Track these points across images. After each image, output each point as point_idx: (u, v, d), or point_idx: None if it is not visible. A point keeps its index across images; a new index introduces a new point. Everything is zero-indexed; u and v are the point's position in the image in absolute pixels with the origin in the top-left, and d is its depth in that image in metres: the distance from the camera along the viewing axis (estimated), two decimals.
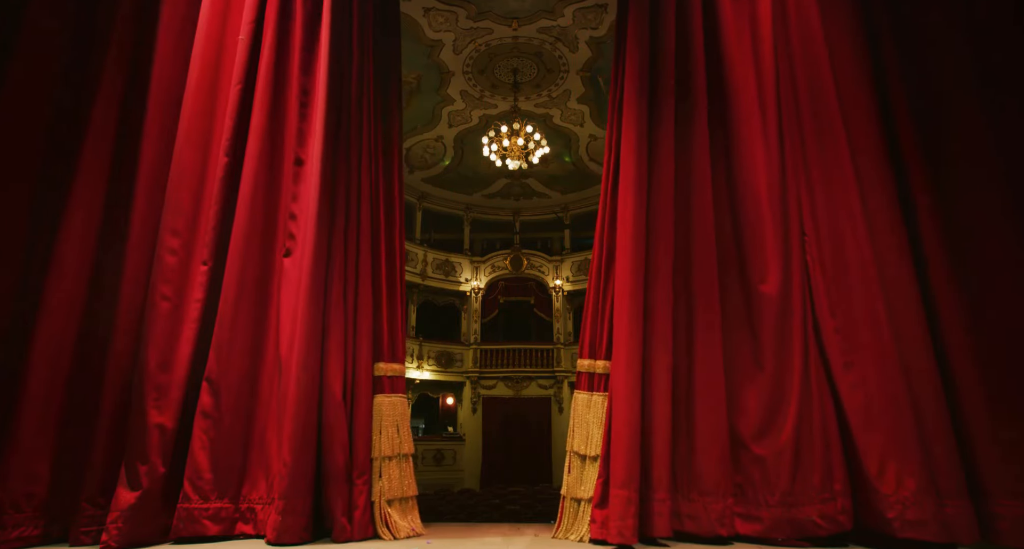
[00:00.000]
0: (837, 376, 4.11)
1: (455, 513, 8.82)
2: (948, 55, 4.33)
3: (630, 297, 4.25)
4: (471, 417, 17.13)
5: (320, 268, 4.31)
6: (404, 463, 4.53)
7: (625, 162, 4.57)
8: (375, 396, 4.50)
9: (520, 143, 11.66)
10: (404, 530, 4.30)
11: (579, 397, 4.59)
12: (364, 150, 4.83)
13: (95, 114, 4.40)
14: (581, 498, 4.33)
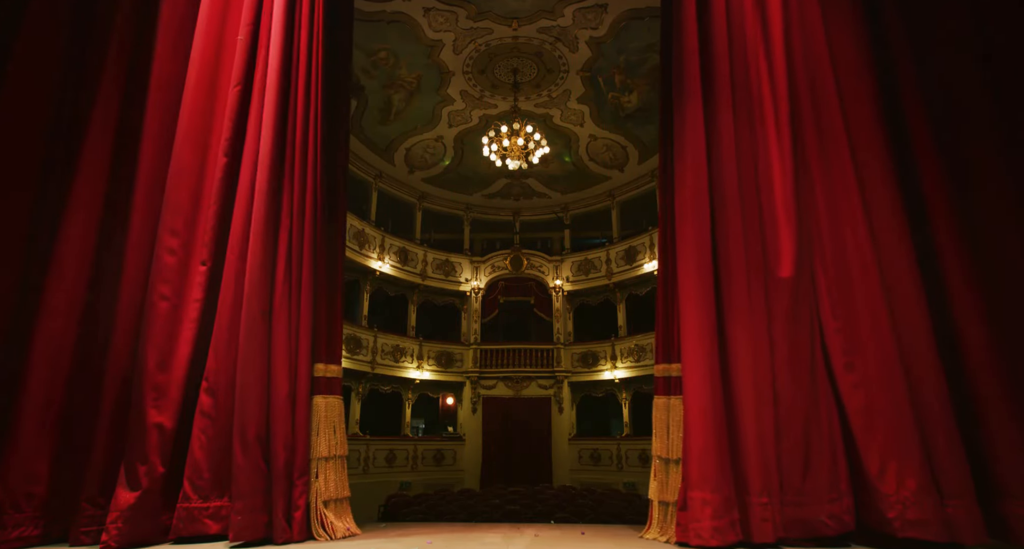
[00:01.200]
0: (839, 376, 4.12)
1: (455, 513, 8.82)
2: (961, 55, 4.36)
3: (697, 298, 4.24)
4: (471, 417, 17.12)
5: (266, 267, 4.30)
6: (340, 464, 4.53)
7: (685, 168, 4.61)
8: (315, 397, 4.50)
9: (520, 143, 11.66)
10: (341, 530, 4.31)
11: (657, 402, 4.58)
12: (310, 154, 4.81)
13: (95, 114, 4.41)
14: (668, 501, 4.29)
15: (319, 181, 4.86)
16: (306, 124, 4.83)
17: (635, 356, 16.08)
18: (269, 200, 4.44)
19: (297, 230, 4.58)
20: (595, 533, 5.14)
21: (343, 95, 5.57)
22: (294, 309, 4.43)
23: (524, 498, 10.43)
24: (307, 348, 4.47)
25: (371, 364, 15.33)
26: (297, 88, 4.83)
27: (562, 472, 16.24)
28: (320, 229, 4.83)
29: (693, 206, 4.47)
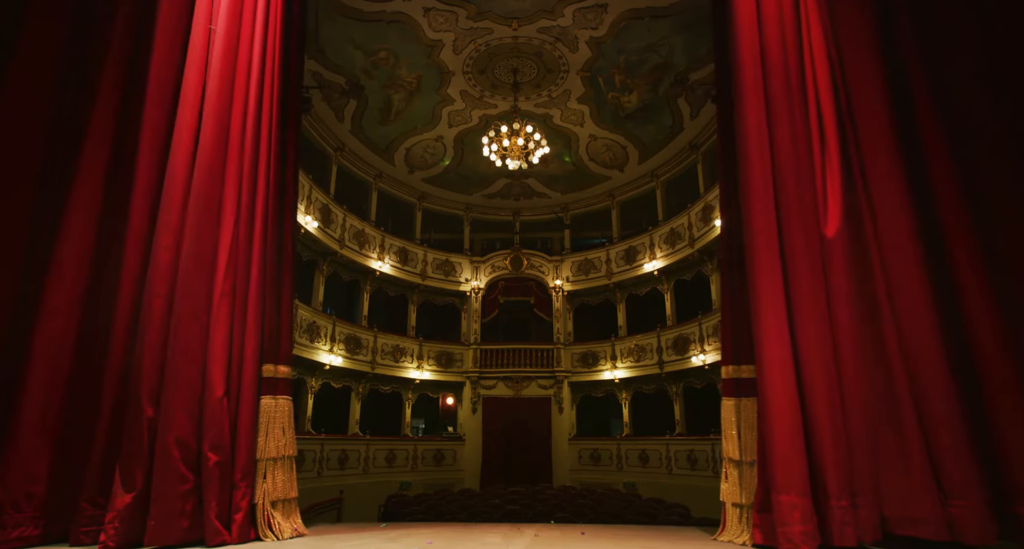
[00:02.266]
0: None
1: (455, 513, 8.82)
2: (965, 54, 4.36)
3: (772, 301, 4.21)
4: (471, 417, 17.12)
5: (202, 268, 4.24)
6: (288, 465, 4.50)
7: (750, 167, 4.52)
8: (262, 398, 4.45)
9: (520, 143, 11.65)
10: (288, 531, 4.28)
11: (727, 404, 4.53)
12: (262, 151, 4.77)
13: (95, 114, 4.40)
14: (742, 504, 4.26)
15: (270, 181, 4.80)
16: (257, 123, 4.76)
17: (635, 356, 16.08)
18: (204, 198, 4.34)
19: (244, 233, 4.49)
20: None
21: (295, 94, 5.43)
22: (239, 311, 4.35)
23: (524, 498, 10.43)
24: (254, 349, 4.40)
25: (371, 364, 15.33)
26: (249, 84, 4.77)
27: (562, 472, 16.23)
28: (270, 231, 4.74)
29: (763, 216, 4.39)
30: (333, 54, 12.44)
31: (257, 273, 4.51)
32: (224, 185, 4.47)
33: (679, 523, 8.22)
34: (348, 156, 15.78)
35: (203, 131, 4.47)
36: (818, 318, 4.11)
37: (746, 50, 4.74)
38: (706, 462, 13.63)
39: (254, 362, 4.41)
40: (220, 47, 4.66)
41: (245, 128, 4.68)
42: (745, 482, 4.26)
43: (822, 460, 3.83)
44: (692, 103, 13.93)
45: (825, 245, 4.27)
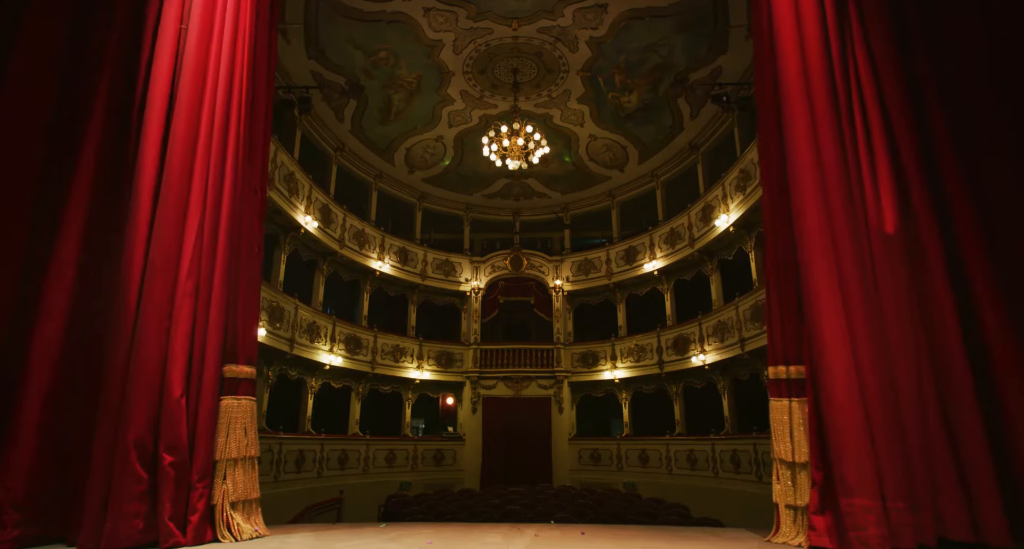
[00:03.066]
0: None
1: (455, 513, 8.82)
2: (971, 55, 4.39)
3: (827, 295, 4.17)
4: (471, 417, 17.11)
5: (167, 269, 4.21)
6: (250, 466, 4.49)
7: (799, 161, 4.49)
8: (223, 398, 4.43)
9: (520, 143, 11.65)
10: (247, 532, 4.26)
11: (776, 405, 4.49)
12: (229, 152, 4.74)
13: (94, 115, 4.40)
14: (797, 506, 4.22)
15: (239, 182, 4.78)
16: (225, 125, 4.74)
17: (635, 356, 16.08)
18: (171, 200, 4.32)
19: (210, 234, 4.46)
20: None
21: (266, 94, 5.40)
22: (201, 311, 4.33)
23: (524, 498, 10.43)
24: (216, 350, 4.38)
25: (371, 364, 15.33)
26: (218, 87, 4.75)
27: (562, 472, 16.23)
28: (238, 234, 4.70)
29: (817, 223, 4.34)
30: (333, 54, 12.44)
31: (222, 274, 4.48)
32: (191, 187, 4.44)
33: (679, 523, 8.22)
34: (348, 156, 15.78)
35: (172, 132, 4.45)
36: (871, 322, 4.09)
37: (790, 60, 4.71)
38: (706, 462, 13.63)
39: (216, 363, 4.38)
40: (192, 49, 4.65)
41: (213, 129, 4.65)
42: (798, 484, 4.23)
43: (880, 462, 3.82)
44: (692, 103, 13.93)
45: (874, 252, 4.26)
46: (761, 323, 11.52)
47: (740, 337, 12.32)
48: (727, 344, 12.95)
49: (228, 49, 4.89)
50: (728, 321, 12.98)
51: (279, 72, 12.52)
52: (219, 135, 4.68)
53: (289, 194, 12.38)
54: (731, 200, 12.81)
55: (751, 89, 12.77)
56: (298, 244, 13.49)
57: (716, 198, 13.49)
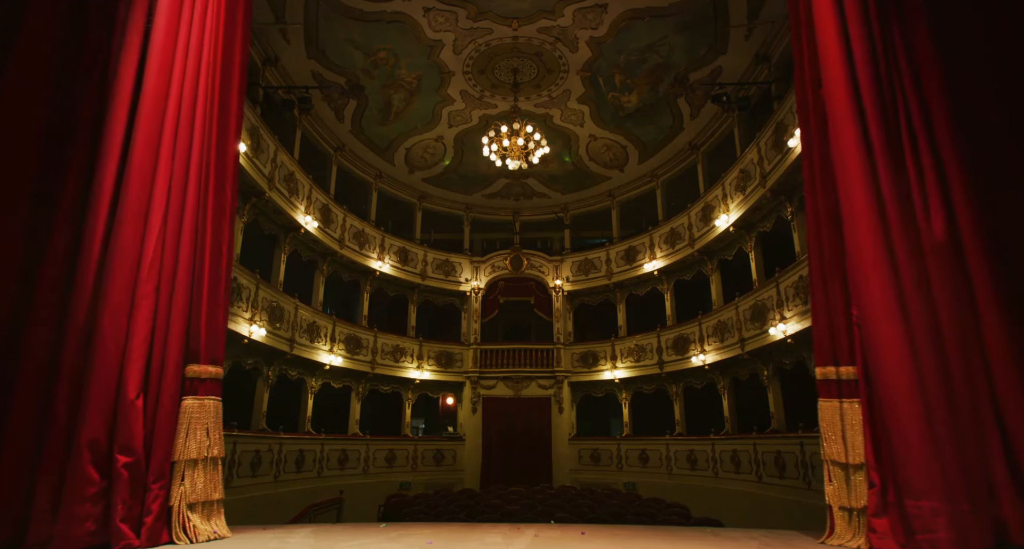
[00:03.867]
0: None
1: (455, 513, 8.82)
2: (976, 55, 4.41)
3: (882, 298, 4.13)
4: (471, 417, 17.12)
5: (128, 264, 4.17)
6: (211, 467, 4.43)
7: (846, 154, 4.47)
8: (185, 398, 4.37)
9: (520, 143, 11.66)
10: (205, 534, 4.21)
11: (826, 406, 4.45)
12: (195, 151, 4.69)
13: (83, 116, 4.37)
14: (852, 507, 4.19)
15: (208, 182, 4.73)
16: (192, 123, 4.69)
17: (635, 356, 16.08)
18: (132, 199, 4.27)
19: (173, 234, 4.40)
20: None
21: (237, 92, 5.30)
22: (163, 312, 4.28)
23: (524, 498, 10.43)
24: (178, 350, 4.33)
25: (371, 364, 15.33)
26: (184, 78, 4.69)
27: (562, 472, 16.24)
28: (204, 233, 4.64)
29: (870, 224, 4.30)
30: (333, 54, 12.45)
31: (185, 274, 4.43)
32: (154, 186, 4.38)
33: (679, 523, 8.22)
34: (348, 156, 15.79)
35: (135, 132, 4.40)
36: (926, 323, 4.06)
37: (835, 68, 4.68)
38: (706, 462, 13.64)
39: (177, 363, 4.33)
40: (157, 46, 4.60)
41: (178, 129, 4.60)
42: (853, 485, 4.20)
43: (944, 464, 3.78)
44: (692, 103, 13.94)
45: (924, 253, 4.24)
46: (761, 323, 11.53)
47: (740, 337, 12.32)
48: (727, 344, 12.95)
49: (195, 47, 4.82)
50: (728, 321, 12.98)
51: (279, 72, 12.53)
52: (184, 134, 4.62)
53: (289, 194, 12.38)
54: (731, 200, 12.81)
55: (751, 89, 12.78)
56: (298, 244, 13.50)
57: (716, 198, 13.49)
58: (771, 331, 10.86)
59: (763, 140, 11.37)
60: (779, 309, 10.78)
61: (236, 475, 10.51)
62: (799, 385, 11.30)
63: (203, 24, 4.93)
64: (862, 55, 4.61)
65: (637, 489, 14.29)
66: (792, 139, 9.90)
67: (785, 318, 10.55)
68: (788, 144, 10.12)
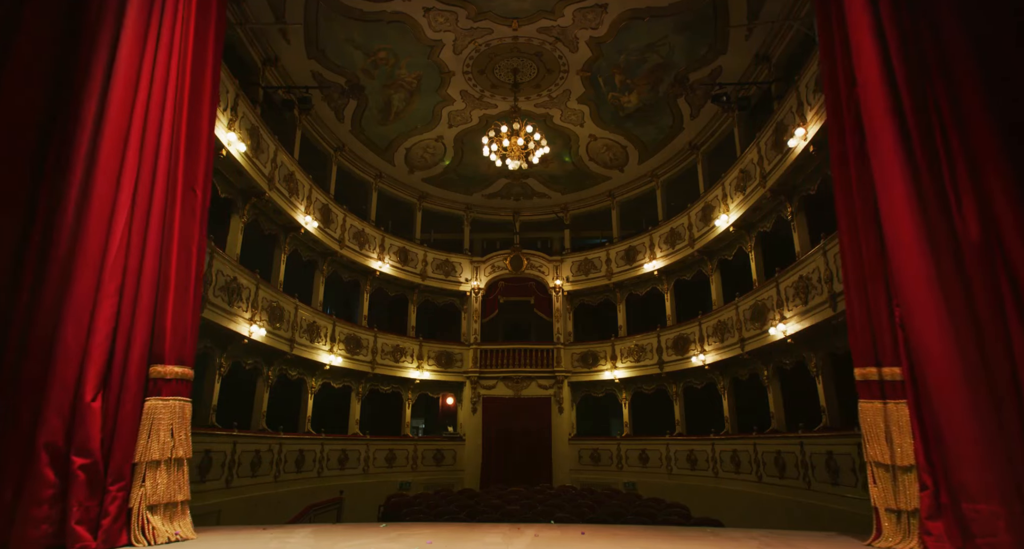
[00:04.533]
0: None
1: (455, 513, 8.81)
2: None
3: (928, 300, 4.09)
4: (471, 417, 17.12)
5: (92, 263, 4.14)
6: (176, 468, 4.38)
7: (884, 147, 4.45)
8: (148, 399, 4.34)
9: (520, 143, 11.65)
10: (164, 535, 4.17)
11: (868, 407, 4.44)
12: (164, 143, 4.66)
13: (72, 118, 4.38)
14: (900, 509, 4.16)
15: (178, 181, 4.72)
16: (160, 122, 4.67)
17: (635, 356, 16.08)
18: (97, 198, 4.26)
19: (139, 234, 4.38)
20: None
21: (210, 90, 5.26)
22: (127, 311, 4.25)
23: (524, 498, 10.43)
24: (141, 351, 4.31)
25: (371, 364, 15.33)
26: (153, 77, 4.67)
27: (562, 472, 16.24)
28: (176, 234, 4.62)
29: (913, 226, 4.28)
30: (333, 54, 12.44)
31: (150, 275, 4.42)
32: (119, 189, 4.35)
33: (679, 523, 8.22)
34: (348, 156, 15.79)
35: (103, 130, 4.37)
36: (972, 324, 4.04)
37: (871, 65, 4.66)
38: (706, 462, 13.64)
39: (140, 363, 4.30)
40: (127, 44, 4.57)
41: (146, 129, 4.58)
42: (900, 487, 4.18)
43: (1000, 466, 3.76)
44: (692, 103, 13.94)
45: (964, 255, 4.22)
46: (761, 323, 11.52)
47: (740, 337, 12.32)
48: (727, 344, 12.95)
49: (166, 45, 4.79)
50: (728, 321, 12.98)
51: (279, 72, 12.53)
52: (152, 134, 4.60)
53: (289, 194, 12.38)
54: (731, 200, 12.81)
55: (751, 89, 12.78)
56: (298, 244, 13.50)
57: (716, 198, 13.49)
58: (771, 331, 10.86)
59: (763, 140, 11.37)
60: (779, 309, 10.77)
61: (236, 475, 10.51)
62: (799, 385, 11.30)
63: (172, 26, 4.89)
64: (897, 51, 4.57)
65: (637, 489, 14.29)
66: (792, 139, 9.90)
67: (785, 318, 10.55)
68: (788, 144, 10.12)
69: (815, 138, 9.33)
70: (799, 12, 10.51)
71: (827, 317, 9.14)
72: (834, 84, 5.17)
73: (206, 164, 5.08)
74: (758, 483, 11.65)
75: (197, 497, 9.18)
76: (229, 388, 10.97)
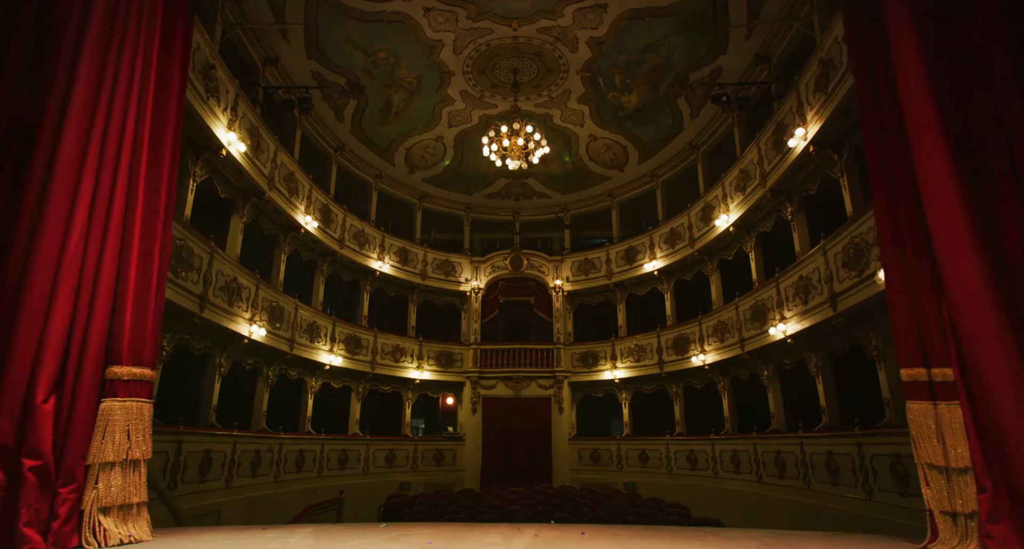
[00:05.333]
0: None
1: (455, 513, 8.81)
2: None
3: (981, 303, 4.08)
4: (471, 417, 17.12)
5: (48, 264, 4.10)
6: (131, 469, 4.35)
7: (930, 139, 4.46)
8: (104, 400, 4.30)
9: (520, 143, 11.65)
10: (116, 537, 4.14)
11: (920, 408, 4.39)
12: (126, 144, 4.63)
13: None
14: (956, 511, 4.13)
15: (138, 182, 4.70)
16: (123, 117, 4.65)
17: (635, 356, 16.08)
18: (55, 200, 4.24)
19: (97, 236, 4.35)
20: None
21: (177, 89, 5.24)
22: (82, 313, 4.22)
23: (524, 498, 10.42)
24: (97, 352, 4.28)
25: (371, 364, 15.33)
26: (117, 77, 4.66)
27: (562, 472, 16.24)
28: (137, 235, 4.60)
29: (958, 233, 4.29)
30: (333, 54, 12.44)
31: (108, 276, 4.39)
32: (78, 190, 4.32)
33: (679, 523, 8.22)
34: (348, 156, 15.79)
35: (63, 130, 4.34)
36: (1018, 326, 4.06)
37: (917, 86, 4.70)
38: (706, 462, 13.64)
39: (96, 364, 4.27)
40: (91, 41, 4.55)
41: (108, 128, 4.55)
42: (956, 489, 4.15)
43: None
44: (692, 103, 13.94)
45: (1005, 264, 4.25)
46: (761, 323, 11.52)
47: (740, 337, 12.32)
48: (727, 344, 12.95)
49: (131, 44, 4.75)
50: (728, 321, 12.98)
51: (279, 72, 12.53)
52: (114, 134, 4.57)
53: (289, 194, 12.38)
54: (731, 200, 12.81)
55: (751, 89, 12.78)
56: (298, 244, 13.50)
57: (716, 198, 13.49)
58: (771, 331, 10.85)
59: (763, 140, 11.37)
60: (779, 309, 10.77)
61: (236, 475, 10.51)
62: (799, 385, 11.30)
63: (139, 26, 4.86)
64: (943, 70, 4.61)
65: (637, 489, 14.28)
66: (792, 139, 9.90)
67: (785, 318, 10.54)
68: (788, 144, 10.11)
69: (815, 138, 9.33)
70: (799, 12, 10.50)
71: (827, 317, 9.13)
72: (871, 85, 5.15)
73: (170, 165, 5.04)
74: (758, 483, 11.65)
75: (197, 497, 9.23)
76: (229, 388, 10.97)
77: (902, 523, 7.44)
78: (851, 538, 5.34)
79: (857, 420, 8.71)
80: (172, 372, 9.42)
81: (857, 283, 8.35)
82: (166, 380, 8.97)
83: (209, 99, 9.18)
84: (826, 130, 9.11)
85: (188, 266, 8.84)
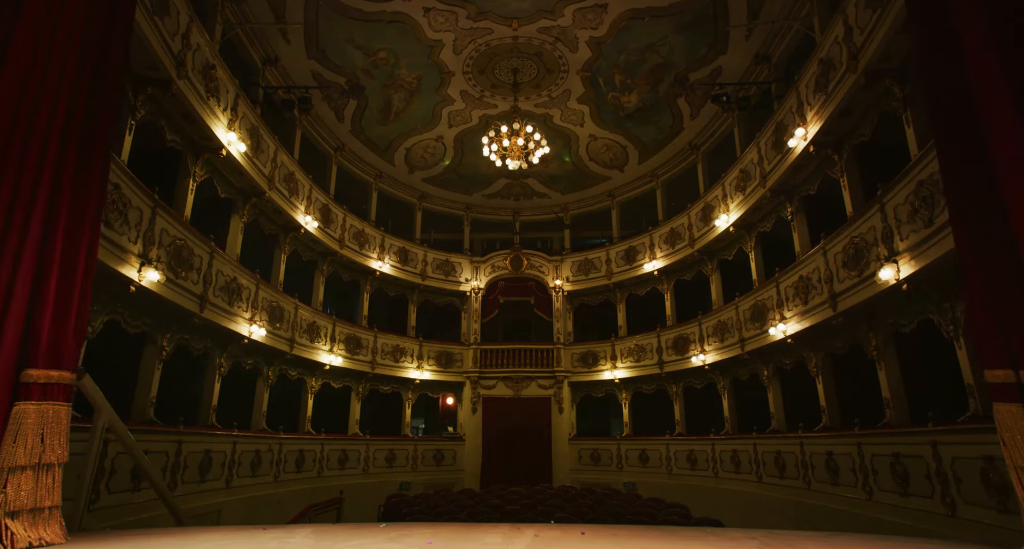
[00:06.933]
0: None
1: (455, 513, 8.81)
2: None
3: None
4: (471, 417, 17.13)
5: None
6: (44, 472, 4.29)
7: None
8: (17, 404, 4.23)
9: (520, 143, 11.66)
10: (25, 540, 4.07)
11: (1003, 409, 4.30)
12: (52, 144, 4.52)
13: None
14: None
15: (63, 183, 4.59)
16: (50, 116, 4.54)
17: (635, 356, 16.09)
18: None
19: (15, 240, 4.26)
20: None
21: (115, 84, 5.07)
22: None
23: (524, 498, 10.42)
24: (11, 356, 4.20)
25: (371, 364, 15.33)
26: (46, 74, 4.53)
27: (562, 472, 16.24)
28: (60, 238, 4.50)
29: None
30: (333, 54, 12.45)
31: (25, 280, 4.30)
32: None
33: (679, 523, 8.22)
34: (348, 156, 15.79)
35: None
36: None
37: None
38: (706, 462, 13.64)
39: (9, 368, 4.19)
40: (19, 34, 4.44)
41: (32, 127, 4.44)
42: None
43: None
44: (692, 103, 13.95)
45: None
46: (761, 323, 11.52)
47: (740, 337, 12.32)
48: (727, 344, 12.95)
49: (63, 38, 4.62)
50: (728, 321, 12.98)
51: (279, 72, 12.53)
52: (39, 133, 4.46)
53: (289, 194, 12.38)
54: (731, 200, 12.82)
55: (751, 89, 12.78)
56: (298, 244, 13.50)
57: (716, 198, 13.49)
58: (771, 331, 10.86)
59: (763, 140, 11.37)
60: (779, 309, 10.77)
61: (236, 475, 10.51)
62: (799, 385, 11.30)
63: (74, 21, 4.74)
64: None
65: (637, 489, 14.29)
66: (792, 139, 9.90)
67: (785, 318, 10.55)
68: (788, 144, 10.11)
69: (815, 138, 9.33)
70: (799, 12, 10.51)
71: (827, 317, 9.14)
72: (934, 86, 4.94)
73: (101, 168, 4.93)
74: (758, 483, 11.65)
75: (197, 497, 9.23)
76: (229, 388, 10.98)
77: (902, 523, 7.44)
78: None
79: (857, 420, 8.71)
80: (172, 372, 9.43)
81: (857, 283, 8.35)
82: (166, 380, 8.97)
83: (209, 99, 9.18)
84: (826, 130, 9.11)
85: (188, 266, 8.84)
